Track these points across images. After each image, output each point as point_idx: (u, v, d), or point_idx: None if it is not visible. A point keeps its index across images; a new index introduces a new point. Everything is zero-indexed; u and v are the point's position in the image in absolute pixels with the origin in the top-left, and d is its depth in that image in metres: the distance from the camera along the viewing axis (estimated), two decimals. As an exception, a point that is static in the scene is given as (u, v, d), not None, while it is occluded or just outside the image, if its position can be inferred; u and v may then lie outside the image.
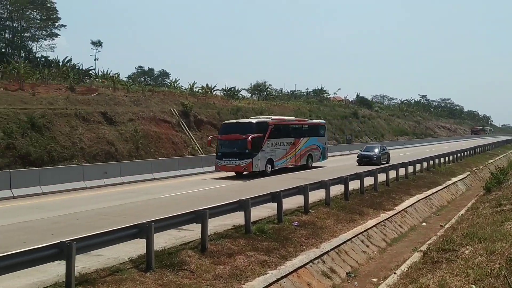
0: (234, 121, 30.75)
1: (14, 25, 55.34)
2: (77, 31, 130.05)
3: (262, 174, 26.56)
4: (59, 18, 56.98)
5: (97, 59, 72.91)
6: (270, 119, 28.50)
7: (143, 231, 9.48)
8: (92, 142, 27.25)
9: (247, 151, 25.42)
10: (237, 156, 25.81)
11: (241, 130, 26.36)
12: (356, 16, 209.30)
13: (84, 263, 9.24)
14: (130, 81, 49.96)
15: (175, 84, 53.01)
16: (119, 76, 45.80)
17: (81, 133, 27.36)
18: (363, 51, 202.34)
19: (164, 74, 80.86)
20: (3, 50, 52.14)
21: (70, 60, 47.41)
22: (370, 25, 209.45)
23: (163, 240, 11.04)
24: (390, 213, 18.58)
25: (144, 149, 30.46)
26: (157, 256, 9.72)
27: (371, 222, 16.53)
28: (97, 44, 64.55)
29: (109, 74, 43.50)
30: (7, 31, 55.58)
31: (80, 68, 45.13)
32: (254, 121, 27.90)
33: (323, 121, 37.49)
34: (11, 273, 7.68)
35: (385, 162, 33.11)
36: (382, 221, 17.31)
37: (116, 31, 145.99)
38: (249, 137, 25.28)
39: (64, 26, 58.97)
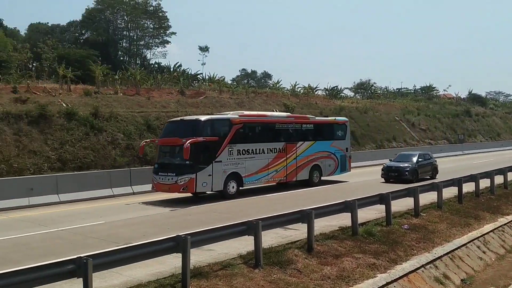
0: (178, 118, 21.07)
1: (130, 34, 60.10)
2: (185, 38, 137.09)
3: (223, 196, 18.77)
4: (170, 26, 60.87)
5: (204, 64, 76.01)
6: (236, 116, 20.07)
7: (251, 228, 9.77)
8: (201, 143, 28.50)
9: (187, 162, 17.53)
10: (174, 170, 17.97)
11: (182, 132, 18.34)
12: (467, 8, 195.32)
13: (197, 256, 9.73)
14: (235, 83, 51.44)
15: (277, 85, 53.59)
16: (224, 79, 47.57)
17: (191, 134, 28.75)
18: (476, 45, 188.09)
19: (266, 75, 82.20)
20: (121, 58, 56.96)
21: (180, 65, 50.35)
22: (482, 18, 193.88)
23: (269, 238, 11.25)
24: (510, 217, 17.23)
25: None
26: (264, 254, 9.93)
27: (488, 227, 15.48)
28: (204, 49, 67.93)
29: (215, 78, 45.25)
30: (124, 40, 60.56)
31: (189, 72, 47.54)
32: (202, 118, 19.32)
33: (343, 118, 26.86)
34: (133, 263, 8.31)
35: (428, 177, 23.73)
36: (500, 226, 16.15)
37: (221, 37, 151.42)
38: (188, 141, 17.27)
39: (175, 33, 62.94)
